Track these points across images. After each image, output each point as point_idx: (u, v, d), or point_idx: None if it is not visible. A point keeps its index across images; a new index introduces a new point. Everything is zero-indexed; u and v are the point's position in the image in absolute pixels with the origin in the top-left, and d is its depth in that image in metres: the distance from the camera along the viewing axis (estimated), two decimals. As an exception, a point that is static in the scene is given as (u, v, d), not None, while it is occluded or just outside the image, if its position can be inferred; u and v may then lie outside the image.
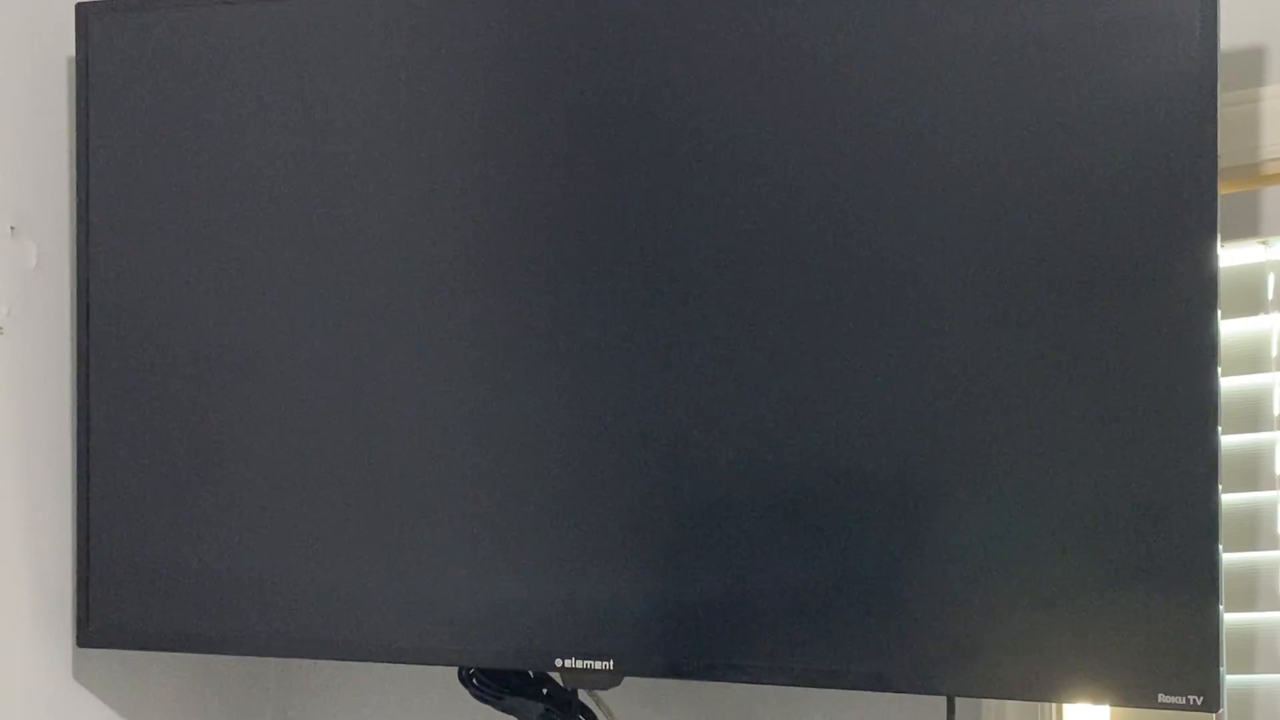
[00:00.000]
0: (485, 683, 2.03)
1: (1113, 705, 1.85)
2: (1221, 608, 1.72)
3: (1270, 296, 1.96)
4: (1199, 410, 1.74)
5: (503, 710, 2.03)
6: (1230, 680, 1.91)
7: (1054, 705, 2.01)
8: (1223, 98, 1.74)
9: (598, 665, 1.93)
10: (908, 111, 1.83)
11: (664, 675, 1.93)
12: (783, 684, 1.89)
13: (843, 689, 1.88)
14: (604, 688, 1.95)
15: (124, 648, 2.11)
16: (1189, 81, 1.74)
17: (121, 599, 2.08)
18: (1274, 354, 1.96)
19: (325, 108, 2.02)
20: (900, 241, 1.83)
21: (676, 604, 1.89)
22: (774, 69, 1.87)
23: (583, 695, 2.06)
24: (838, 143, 1.85)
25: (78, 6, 2.11)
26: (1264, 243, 1.96)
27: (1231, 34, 1.83)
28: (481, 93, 1.98)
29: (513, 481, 1.96)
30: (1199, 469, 1.73)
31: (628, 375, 1.92)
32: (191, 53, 2.07)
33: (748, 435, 1.87)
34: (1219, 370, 1.73)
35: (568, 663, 1.94)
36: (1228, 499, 1.88)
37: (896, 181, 1.83)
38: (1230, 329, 1.93)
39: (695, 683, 2.11)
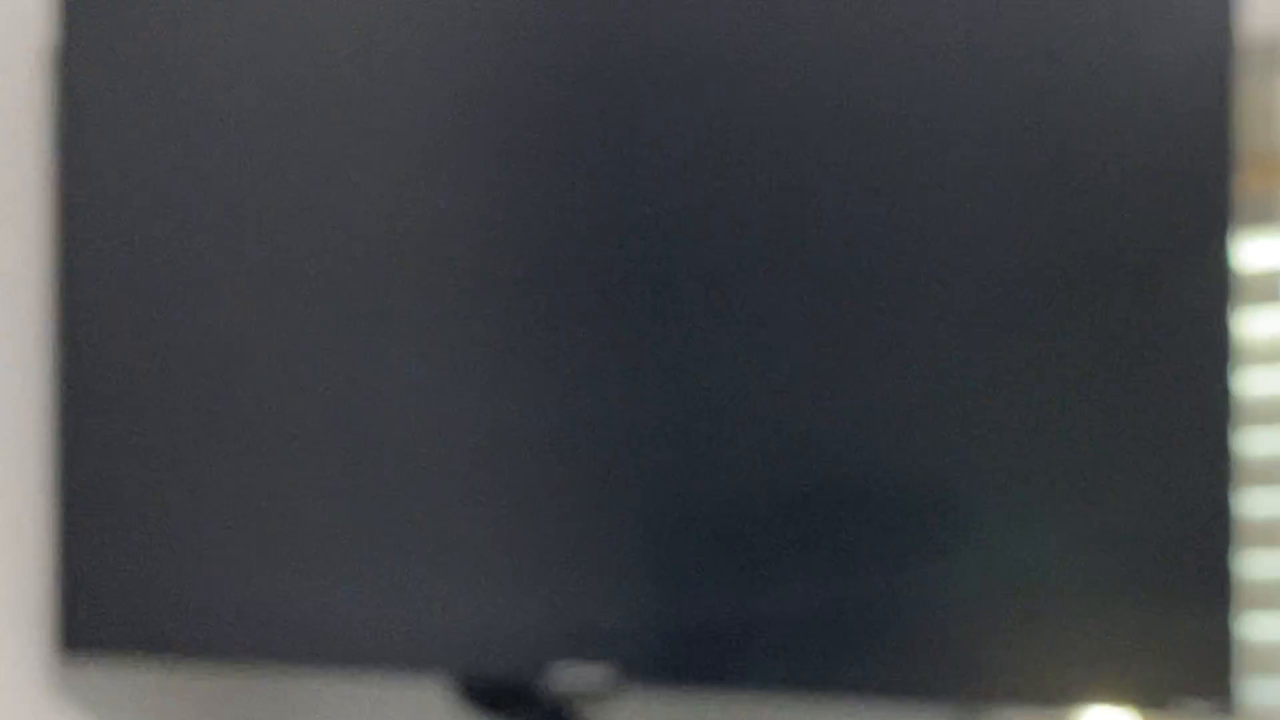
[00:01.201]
0: (481, 694, 2.00)
1: (1129, 710, 1.83)
2: (1236, 613, 1.71)
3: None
4: (1216, 409, 1.73)
5: (498, 720, 2.02)
6: (1261, 687, 1.90)
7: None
8: (1241, 87, 1.73)
9: (596, 675, 1.90)
10: (917, 103, 1.81)
11: (664, 685, 1.92)
12: (788, 692, 1.87)
13: (852, 698, 1.85)
14: (602, 698, 1.93)
15: (106, 655, 2.07)
16: (1206, 72, 1.74)
17: (104, 607, 2.05)
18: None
19: (315, 98, 1.99)
20: (910, 240, 1.82)
21: (677, 613, 1.88)
22: (776, 60, 1.85)
23: (580, 708, 2.03)
24: (845, 137, 1.83)
25: (60, -5, 2.09)
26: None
27: (1250, 24, 1.81)
28: (480, 84, 1.95)
29: (509, 489, 1.93)
30: (1216, 470, 1.74)
31: (628, 380, 1.90)
32: (176, 43, 2.05)
33: (752, 442, 1.86)
34: (1237, 367, 1.72)
35: (565, 673, 1.91)
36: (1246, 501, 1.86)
37: (905, 176, 1.82)
38: (1247, 325, 1.91)
39: (695, 698, 2.09)
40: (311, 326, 1.99)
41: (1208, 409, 1.74)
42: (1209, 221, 1.74)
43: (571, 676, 1.90)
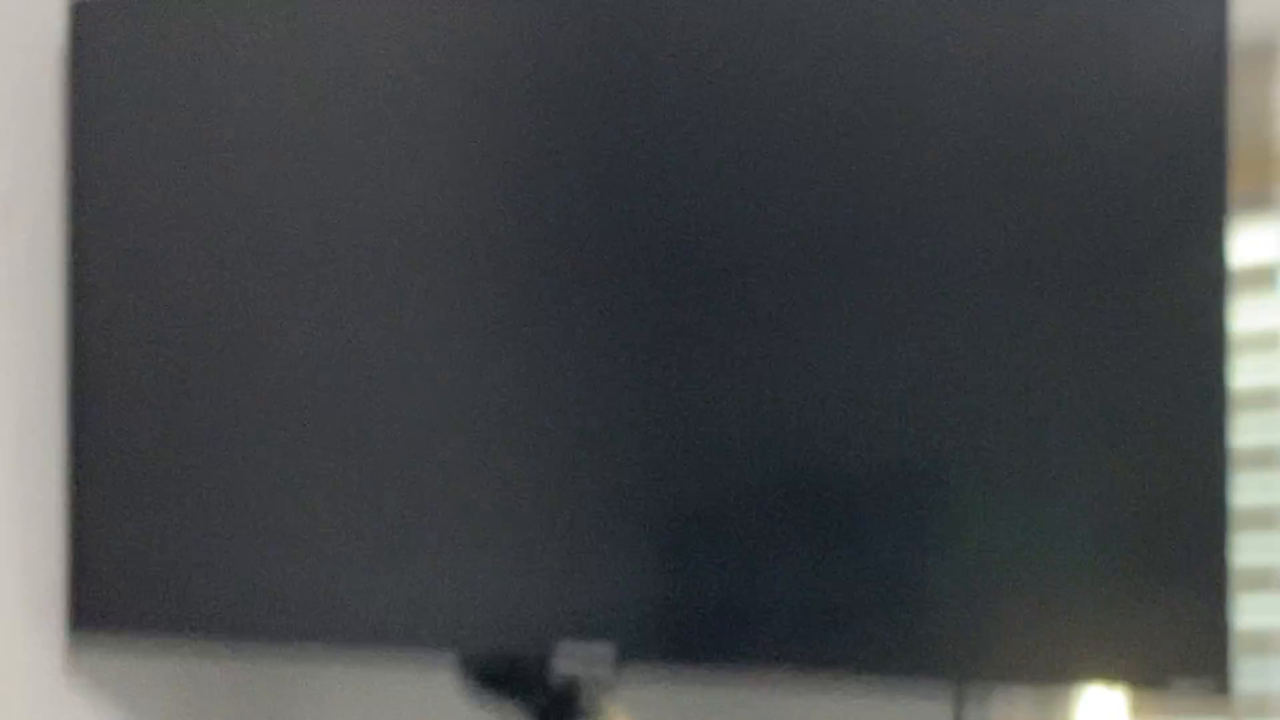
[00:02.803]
0: (485, 673, 2.00)
1: (1124, 689, 1.84)
2: (1231, 594, 1.72)
3: (1280, 287, 1.97)
4: (1211, 398, 1.74)
5: (503, 702, 2.01)
6: (1245, 670, 1.91)
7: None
8: (1235, 88, 1.74)
9: (599, 655, 1.91)
10: (916, 100, 1.83)
11: (666, 664, 1.92)
12: (789, 672, 1.87)
13: (850, 676, 1.86)
14: (605, 679, 1.94)
15: (116, 635, 2.08)
16: (1201, 70, 1.75)
17: (114, 588, 2.07)
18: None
19: (321, 99, 2.02)
20: (907, 233, 1.83)
21: (680, 594, 1.88)
22: (777, 54, 1.87)
23: (584, 691, 2.03)
24: (845, 132, 1.85)
25: (71, -2, 2.11)
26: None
27: (1244, 24, 1.83)
28: (485, 85, 1.98)
29: (513, 472, 1.95)
30: (1211, 455, 1.74)
31: (632, 362, 1.91)
32: (185, 42, 2.07)
33: (754, 424, 1.87)
34: (1231, 358, 1.73)
35: (569, 653, 1.92)
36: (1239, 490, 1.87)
37: (903, 172, 1.83)
38: (1241, 321, 1.93)
39: (698, 687, 2.08)
40: (317, 311, 2.01)
41: (1202, 397, 1.74)
42: (1204, 217, 1.74)
43: (574, 656, 1.91)
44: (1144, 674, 1.76)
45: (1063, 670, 1.79)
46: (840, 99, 1.85)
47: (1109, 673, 1.78)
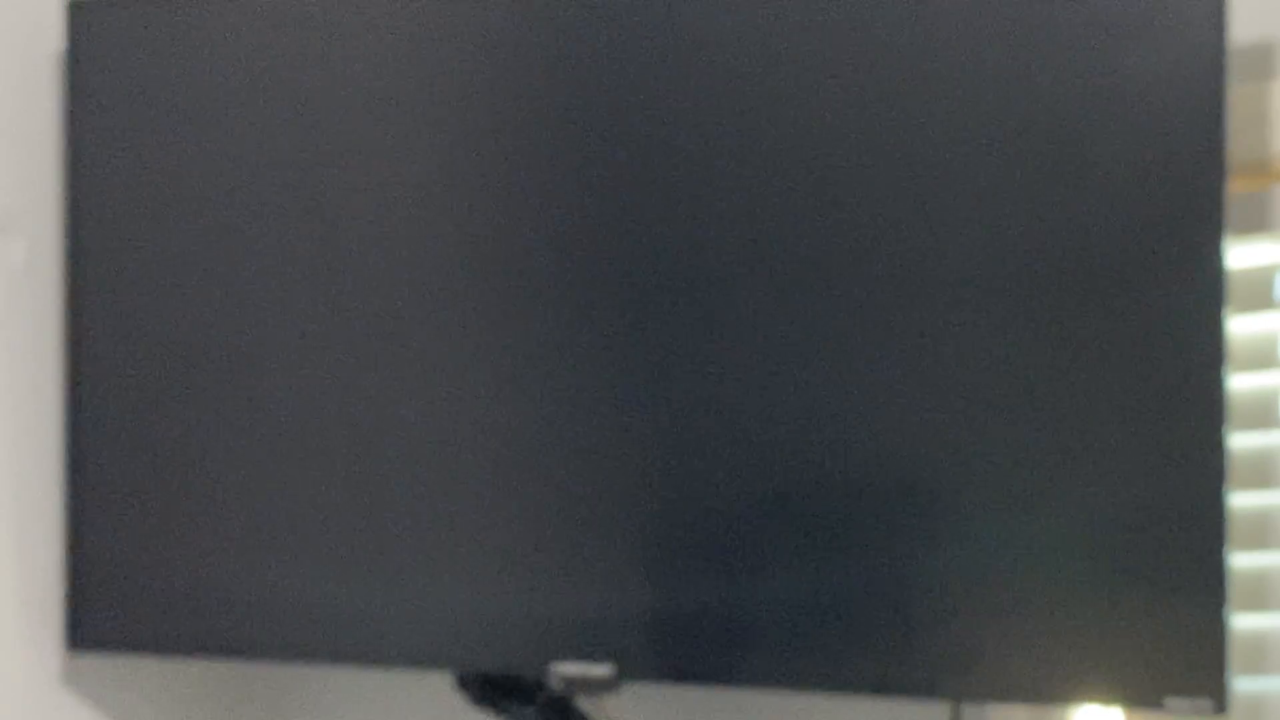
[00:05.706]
0: (483, 688, 2.01)
1: (1119, 708, 1.83)
2: (1228, 612, 1.70)
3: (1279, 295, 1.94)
4: (1208, 410, 1.72)
5: (500, 716, 2.01)
6: (1240, 684, 1.89)
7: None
8: (1232, 91, 1.71)
9: (596, 670, 1.91)
10: (910, 106, 1.81)
11: (663, 680, 1.92)
12: (785, 688, 1.87)
13: (847, 694, 1.86)
14: (602, 693, 1.93)
15: (114, 651, 2.09)
16: (1199, 76, 1.72)
17: (112, 602, 2.07)
18: (1281, 353, 1.94)
19: (320, 103, 2.01)
20: (903, 240, 1.81)
21: (676, 608, 1.88)
22: (777, 59, 1.85)
23: (581, 702, 2.03)
24: (839, 140, 1.83)
25: (69, 1, 2.09)
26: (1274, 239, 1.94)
27: (1242, 27, 1.80)
28: (482, 87, 1.96)
29: (509, 485, 1.94)
30: (1208, 470, 1.72)
31: (627, 377, 1.90)
32: (184, 48, 2.06)
33: (749, 438, 1.85)
34: (1228, 370, 1.71)
35: (566, 667, 1.91)
36: (1237, 500, 1.85)
37: (899, 179, 1.81)
38: (1239, 327, 1.91)
39: (695, 694, 2.09)
40: (315, 325, 2.00)
41: (1200, 409, 1.72)
42: (1202, 224, 1.72)
43: (571, 673, 1.91)
44: (1140, 693, 1.75)
45: (1057, 688, 1.79)
46: (833, 108, 1.83)
47: (1104, 691, 1.77)
